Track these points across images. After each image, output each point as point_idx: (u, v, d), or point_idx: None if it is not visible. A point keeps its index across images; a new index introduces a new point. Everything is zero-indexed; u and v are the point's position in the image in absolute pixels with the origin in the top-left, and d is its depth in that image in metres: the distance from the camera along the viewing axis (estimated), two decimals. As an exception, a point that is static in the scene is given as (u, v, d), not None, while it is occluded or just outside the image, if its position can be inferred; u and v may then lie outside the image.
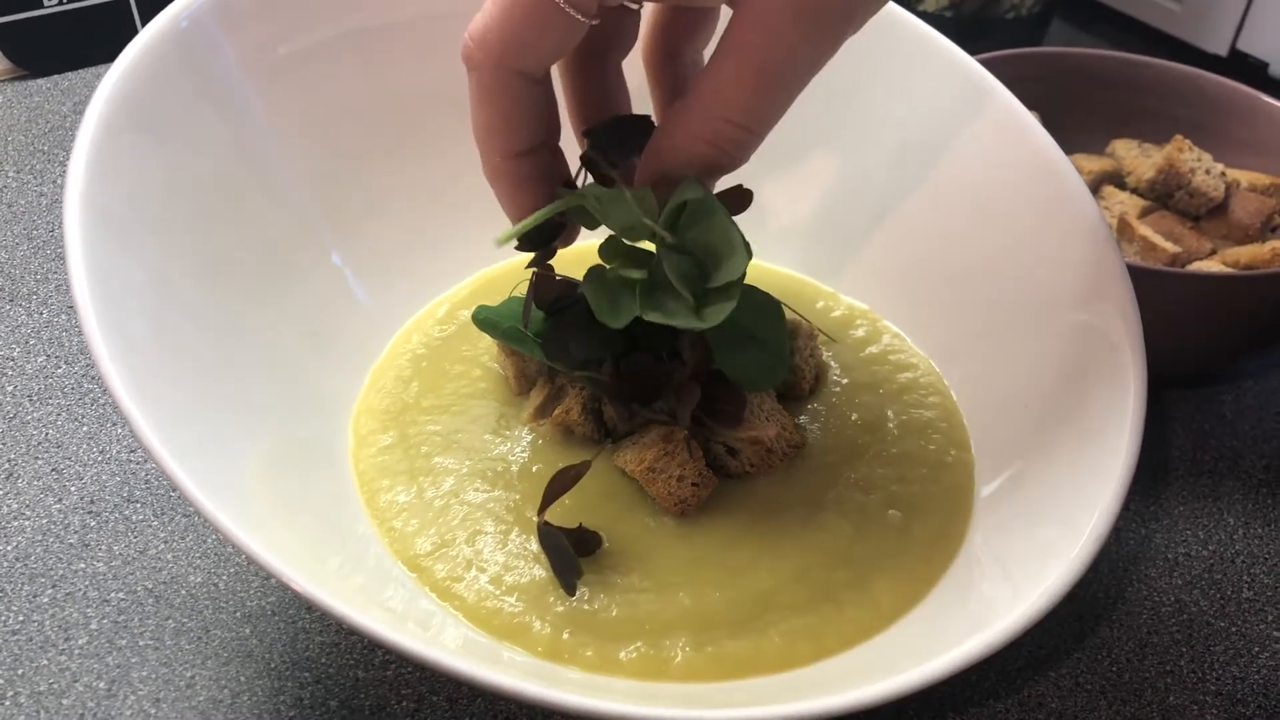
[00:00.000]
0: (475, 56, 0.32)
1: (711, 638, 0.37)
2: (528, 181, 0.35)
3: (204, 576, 0.43)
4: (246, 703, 0.39)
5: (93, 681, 0.39)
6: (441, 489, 0.41)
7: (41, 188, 0.63)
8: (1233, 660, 0.42)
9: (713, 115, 0.32)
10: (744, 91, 0.31)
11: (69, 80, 0.73)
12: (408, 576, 0.39)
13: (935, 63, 0.49)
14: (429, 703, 0.39)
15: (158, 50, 0.41)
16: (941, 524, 0.41)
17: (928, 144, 0.49)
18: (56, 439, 0.48)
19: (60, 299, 0.56)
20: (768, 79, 0.31)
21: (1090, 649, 0.42)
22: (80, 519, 0.45)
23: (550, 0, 0.30)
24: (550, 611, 0.37)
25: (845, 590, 0.38)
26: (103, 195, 0.37)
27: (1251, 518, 0.48)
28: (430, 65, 0.50)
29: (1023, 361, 0.44)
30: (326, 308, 0.47)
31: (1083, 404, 0.40)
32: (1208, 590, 0.45)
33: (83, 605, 0.42)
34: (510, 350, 0.45)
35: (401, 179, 0.50)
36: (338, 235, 0.48)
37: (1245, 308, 0.49)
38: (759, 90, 0.31)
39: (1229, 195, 0.56)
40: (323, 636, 0.41)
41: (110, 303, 0.35)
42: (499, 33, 0.32)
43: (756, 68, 0.31)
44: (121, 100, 0.39)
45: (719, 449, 0.42)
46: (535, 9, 0.31)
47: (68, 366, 0.52)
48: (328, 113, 0.48)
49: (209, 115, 0.43)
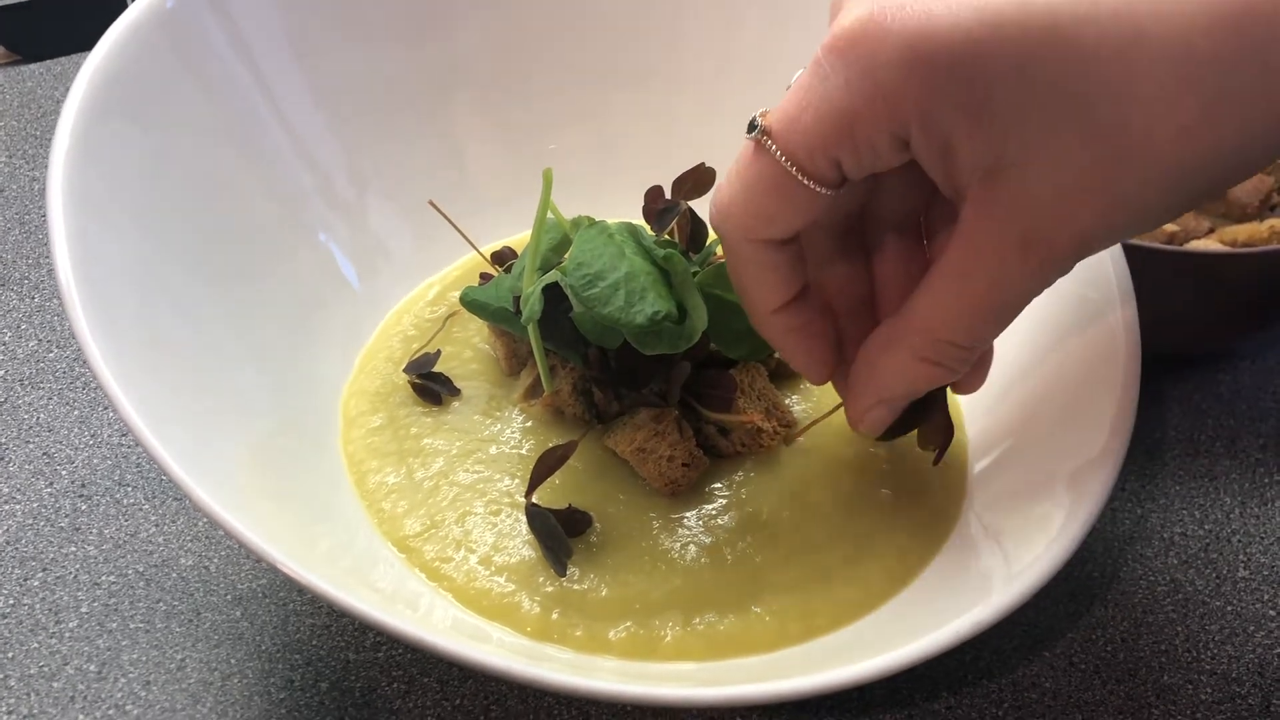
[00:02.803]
0: (722, 228, 0.33)
1: (701, 617, 0.36)
2: (793, 333, 0.35)
3: (195, 560, 0.43)
4: (237, 685, 0.39)
5: (83, 664, 0.39)
6: (431, 470, 0.41)
7: (34, 173, 0.63)
8: (1228, 639, 0.42)
9: (936, 338, 0.32)
10: (967, 317, 0.31)
11: (61, 65, 0.72)
12: (397, 558, 0.39)
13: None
14: (419, 684, 0.39)
15: (142, 31, 0.41)
16: (934, 503, 0.40)
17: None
18: (48, 423, 0.48)
19: (52, 284, 0.56)
20: (992, 308, 0.31)
21: (1085, 628, 0.42)
22: (71, 503, 0.45)
23: (788, 174, 0.30)
24: (540, 591, 0.37)
25: (836, 569, 0.38)
26: (86, 179, 0.37)
27: (1248, 497, 0.48)
28: (422, 45, 0.50)
29: (1016, 339, 0.44)
30: (316, 290, 0.47)
31: (1076, 382, 0.40)
32: (1203, 569, 0.44)
33: (73, 588, 0.42)
34: (500, 331, 0.44)
35: (392, 160, 0.50)
36: (327, 217, 0.48)
37: (1242, 286, 0.48)
38: (983, 317, 0.31)
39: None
40: (313, 619, 0.41)
41: (96, 286, 0.35)
42: (741, 206, 0.32)
43: (981, 297, 0.30)
44: (105, 82, 0.39)
45: (710, 429, 0.41)
46: (774, 184, 0.30)
47: (59, 351, 0.52)
48: (317, 93, 0.48)
49: (195, 97, 0.43)
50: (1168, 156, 0.26)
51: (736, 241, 0.33)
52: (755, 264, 0.33)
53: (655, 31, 0.52)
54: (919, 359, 0.33)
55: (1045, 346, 0.43)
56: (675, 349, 0.38)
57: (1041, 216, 0.28)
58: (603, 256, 0.37)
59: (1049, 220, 0.28)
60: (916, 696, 0.39)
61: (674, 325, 0.37)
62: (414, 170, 0.50)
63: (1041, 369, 0.42)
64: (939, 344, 0.32)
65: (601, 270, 0.37)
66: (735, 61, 0.52)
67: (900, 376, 0.34)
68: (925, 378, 0.33)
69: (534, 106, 0.53)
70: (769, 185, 0.31)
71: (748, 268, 0.33)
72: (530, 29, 0.52)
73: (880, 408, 0.35)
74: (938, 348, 0.32)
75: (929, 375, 0.33)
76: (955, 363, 0.33)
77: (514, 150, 0.52)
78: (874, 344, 0.34)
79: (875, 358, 0.34)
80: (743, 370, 0.42)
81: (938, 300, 0.31)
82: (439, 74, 0.51)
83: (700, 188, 0.44)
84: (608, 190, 0.48)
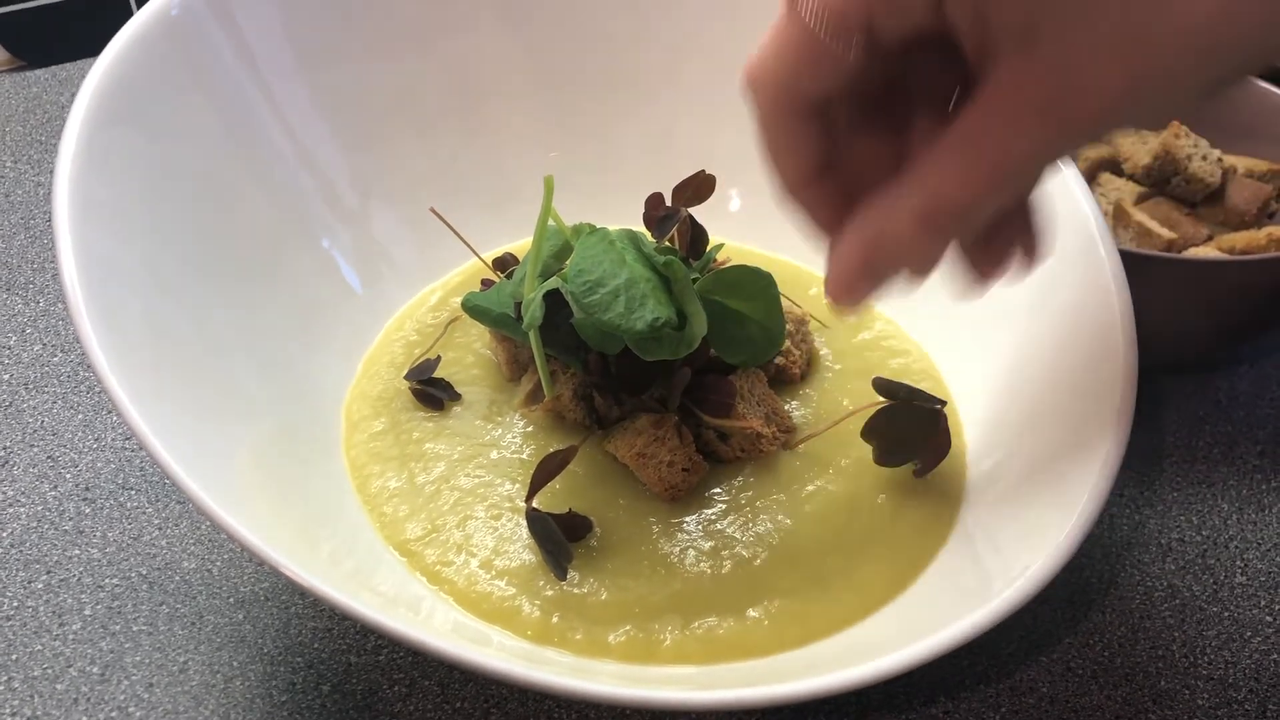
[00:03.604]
0: (752, 94, 0.33)
1: (700, 621, 0.37)
2: (817, 206, 0.34)
3: (198, 563, 0.43)
4: (239, 688, 0.39)
5: (86, 666, 0.40)
6: (432, 475, 0.41)
7: (39, 178, 0.63)
8: (1225, 645, 0.42)
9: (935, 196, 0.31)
10: (971, 177, 0.30)
11: (67, 71, 0.73)
12: (398, 561, 0.39)
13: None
14: (420, 687, 0.39)
15: (147, 38, 0.41)
16: (932, 509, 0.41)
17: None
18: (52, 426, 0.49)
19: (57, 288, 0.56)
20: (998, 171, 0.30)
21: (1082, 634, 0.42)
22: (75, 506, 0.45)
23: (818, 37, 0.30)
24: (540, 595, 0.37)
25: (835, 575, 0.38)
26: (91, 185, 0.37)
27: (1245, 503, 0.48)
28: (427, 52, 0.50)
29: (1015, 346, 0.44)
30: (319, 295, 0.47)
31: (1073, 388, 0.40)
32: (1200, 575, 0.45)
33: (77, 591, 0.42)
34: (501, 337, 0.45)
35: (394, 167, 0.50)
36: (331, 223, 0.48)
37: (1240, 293, 0.49)
38: (987, 179, 0.30)
39: (1225, 181, 0.55)
40: (315, 622, 0.41)
41: (100, 291, 0.36)
42: (771, 71, 0.32)
43: (988, 158, 0.29)
44: (110, 89, 0.39)
45: (710, 435, 0.42)
46: (805, 47, 0.30)
47: (63, 355, 0.52)
48: (321, 101, 0.48)
49: (200, 103, 0.43)
50: (1208, 28, 0.26)
51: (766, 109, 0.32)
52: (784, 132, 0.33)
53: (656, 40, 0.53)
54: (915, 218, 0.31)
55: (1043, 351, 0.43)
56: (675, 355, 0.38)
57: (1068, 79, 0.27)
58: (603, 263, 0.38)
59: (1075, 84, 0.27)
60: (914, 701, 0.40)
61: (674, 331, 0.38)
62: (416, 177, 0.51)
63: (1039, 374, 0.43)
64: (938, 204, 0.31)
65: (602, 277, 0.37)
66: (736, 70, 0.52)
67: (894, 239, 0.32)
68: (918, 243, 0.32)
69: (536, 114, 0.53)
70: (799, 48, 0.30)
71: (776, 136, 0.33)
72: (532, 38, 0.52)
73: (865, 279, 0.33)
74: (936, 207, 0.31)
75: (922, 242, 0.32)
76: (952, 228, 0.31)
77: (516, 158, 0.52)
78: (873, 205, 0.33)
79: (872, 217, 0.33)
80: (742, 376, 0.42)
81: (943, 160, 0.30)
82: (442, 82, 0.51)
83: (700, 195, 0.44)
84: (609, 197, 0.48)
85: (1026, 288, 0.44)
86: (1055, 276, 0.43)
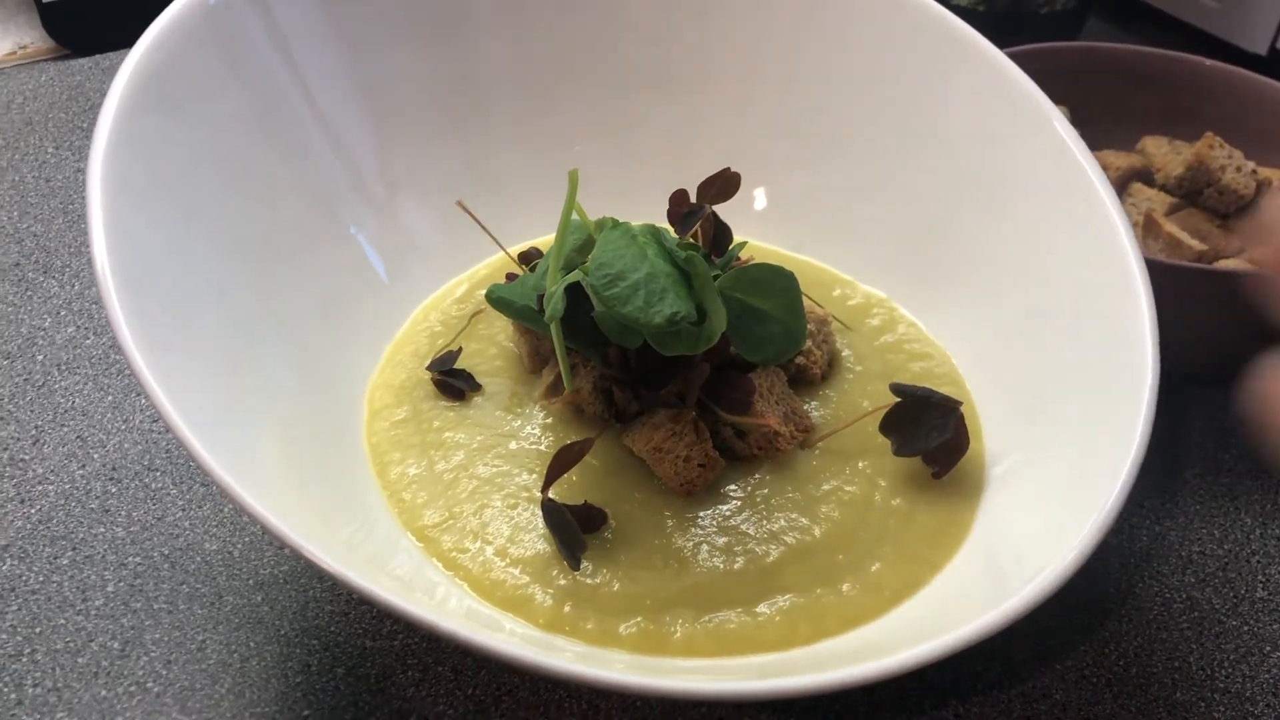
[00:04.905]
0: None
1: (712, 615, 0.37)
2: None
3: (219, 544, 0.44)
4: (255, 667, 0.40)
5: (107, 641, 0.40)
6: (452, 463, 0.42)
7: (79, 164, 0.64)
8: (1243, 659, 0.42)
9: None
10: None
11: (110, 59, 0.74)
12: (415, 547, 0.39)
13: (960, 55, 0.49)
14: (434, 673, 0.40)
15: (184, 26, 0.42)
16: (948, 511, 0.41)
17: (949, 136, 0.49)
18: (82, 407, 0.49)
19: (91, 272, 0.57)
20: None
21: (1098, 642, 0.42)
22: (102, 485, 0.46)
23: None
24: (553, 584, 0.38)
25: (848, 573, 0.38)
26: (125, 170, 0.38)
27: (1269, 518, 0.47)
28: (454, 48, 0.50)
29: (1037, 352, 0.44)
30: (347, 283, 0.47)
31: (1095, 395, 0.40)
32: (1220, 588, 0.44)
33: (101, 568, 0.43)
34: (524, 329, 0.45)
35: (424, 159, 0.51)
36: (360, 211, 0.49)
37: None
38: None
39: (1259, 193, 0.55)
40: (332, 605, 0.42)
41: (131, 274, 0.36)
42: None
43: None
44: (146, 76, 0.40)
45: (727, 432, 0.42)
46: None
47: (96, 338, 0.53)
48: (353, 90, 0.49)
49: (234, 90, 0.44)
50: None
51: None
52: None
53: (682, 35, 0.53)
54: None
55: (1065, 358, 0.43)
56: (694, 350, 0.38)
57: None
58: (624, 257, 0.38)
59: None
60: (925, 704, 0.40)
61: (693, 326, 0.38)
62: (445, 169, 0.51)
63: (1061, 381, 0.42)
64: None
65: (622, 270, 0.37)
66: (762, 66, 0.52)
67: None
68: None
69: (562, 110, 0.53)
70: None
71: None
72: (559, 33, 0.52)
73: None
74: None
75: None
76: None
77: (542, 152, 0.53)
78: None
79: None
80: (762, 374, 0.42)
81: None
82: (471, 76, 0.52)
83: (725, 192, 0.44)
84: (633, 193, 0.48)
85: (1053, 295, 0.44)
86: (1082, 285, 0.43)
